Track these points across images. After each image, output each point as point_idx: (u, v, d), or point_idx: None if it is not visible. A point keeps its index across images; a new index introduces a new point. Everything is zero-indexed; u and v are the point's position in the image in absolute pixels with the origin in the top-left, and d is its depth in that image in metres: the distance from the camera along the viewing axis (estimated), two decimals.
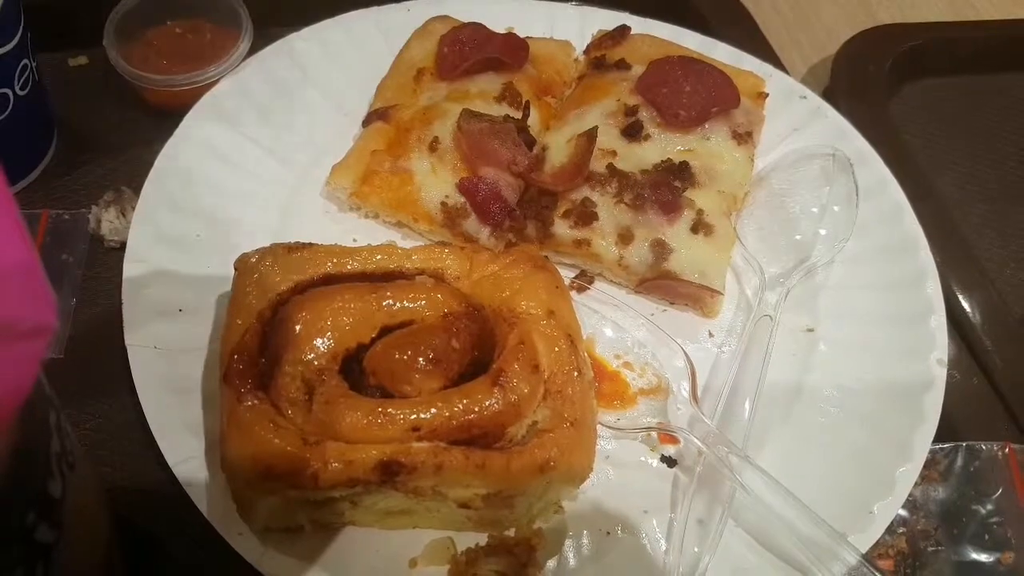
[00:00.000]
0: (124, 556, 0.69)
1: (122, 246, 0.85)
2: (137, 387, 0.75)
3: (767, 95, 1.01)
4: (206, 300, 0.82)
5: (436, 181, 0.91)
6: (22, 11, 0.85)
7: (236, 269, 0.76)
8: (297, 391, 0.68)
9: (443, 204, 0.90)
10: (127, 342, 0.77)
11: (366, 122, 0.97)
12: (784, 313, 0.87)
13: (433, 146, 0.92)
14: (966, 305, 0.95)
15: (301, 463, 0.64)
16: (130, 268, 0.82)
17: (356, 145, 0.96)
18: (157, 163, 0.89)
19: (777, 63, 1.11)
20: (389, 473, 0.65)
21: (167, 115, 0.95)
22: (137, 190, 0.88)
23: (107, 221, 0.88)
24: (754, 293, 0.91)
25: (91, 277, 0.88)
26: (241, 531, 0.70)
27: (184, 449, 0.73)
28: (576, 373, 0.73)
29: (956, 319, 0.92)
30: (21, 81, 0.86)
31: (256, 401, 0.68)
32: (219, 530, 0.69)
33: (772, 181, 0.97)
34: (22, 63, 0.86)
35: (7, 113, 0.86)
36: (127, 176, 0.92)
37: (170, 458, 0.72)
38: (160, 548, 0.75)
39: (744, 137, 0.96)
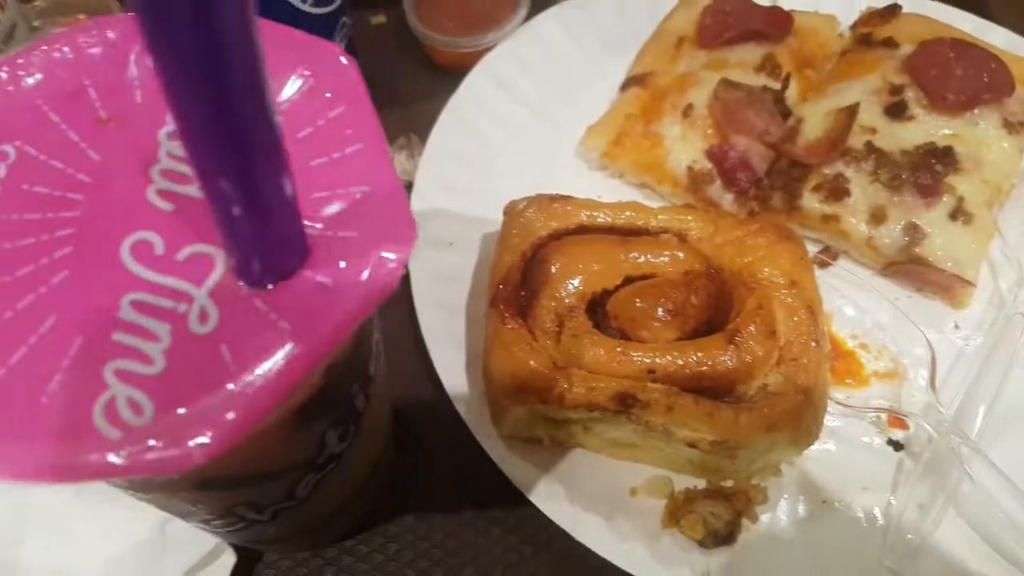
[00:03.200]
0: (396, 438, 0.78)
1: (409, 185, 0.93)
2: (416, 305, 0.83)
3: None
4: (473, 238, 0.88)
5: (685, 146, 0.92)
6: None
7: (505, 213, 0.81)
8: (551, 323, 0.72)
9: (689, 169, 0.91)
10: (410, 267, 0.85)
11: (624, 87, 1.00)
12: None
13: (687, 112, 0.93)
14: None
15: (551, 382, 0.68)
16: (415, 205, 0.89)
17: (612, 108, 0.98)
18: (442, 116, 0.94)
19: None
20: (625, 404, 0.67)
21: (449, 73, 1.00)
22: (423, 137, 0.95)
23: (399, 162, 0.97)
24: (1008, 289, 0.86)
25: None
26: (490, 435, 0.74)
27: (450, 360, 0.79)
28: (813, 344, 0.72)
29: None
30: (340, 35, 0.95)
31: (516, 325, 0.72)
32: (473, 431, 0.74)
33: None
34: (341, 20, 0.94)
35: None
36: (416, 125, 0.99)
37: (439, 366, 0.78)
38: (421, 439, 0.80)
39: (1016, 127, 0.90)
